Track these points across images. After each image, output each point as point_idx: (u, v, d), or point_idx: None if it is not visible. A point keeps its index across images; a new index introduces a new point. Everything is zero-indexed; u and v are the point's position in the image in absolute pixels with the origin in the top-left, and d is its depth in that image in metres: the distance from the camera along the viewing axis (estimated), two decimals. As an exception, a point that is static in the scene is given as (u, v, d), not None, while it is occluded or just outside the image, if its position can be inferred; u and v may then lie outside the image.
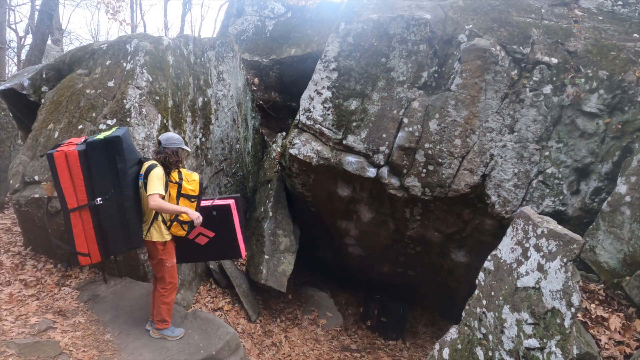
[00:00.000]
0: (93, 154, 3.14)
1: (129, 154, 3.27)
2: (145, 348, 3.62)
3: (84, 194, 3.14)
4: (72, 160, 3.09)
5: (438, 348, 3.63)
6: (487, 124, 4.67)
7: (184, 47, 5.55)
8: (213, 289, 5.70)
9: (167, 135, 3.48)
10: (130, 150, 3.33)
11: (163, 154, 3.37)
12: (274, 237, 5.83)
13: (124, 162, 3.19)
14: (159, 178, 3.23)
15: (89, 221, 3.18)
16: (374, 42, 5.04)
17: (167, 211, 3.25)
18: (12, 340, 3.37)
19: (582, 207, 4.45)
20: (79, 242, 3.20)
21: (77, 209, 3.15)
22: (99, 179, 3.15)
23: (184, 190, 3.39)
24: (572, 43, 4.63)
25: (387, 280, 6.55)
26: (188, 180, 3.42)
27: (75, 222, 3.17)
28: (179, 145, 3.42)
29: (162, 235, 3.43)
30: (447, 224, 5.18)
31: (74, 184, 3.13)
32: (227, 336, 3.89)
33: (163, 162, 3.35)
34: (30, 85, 5.31)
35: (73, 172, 3.12)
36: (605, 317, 3.19)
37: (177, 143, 3.42)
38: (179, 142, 3.43)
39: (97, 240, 3.24)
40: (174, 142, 3.41)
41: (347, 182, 5.28)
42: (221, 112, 6.35)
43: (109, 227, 3.21)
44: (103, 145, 3.15)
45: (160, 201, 3.18)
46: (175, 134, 3.53)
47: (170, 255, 3.55)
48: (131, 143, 3.40)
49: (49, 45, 11.33)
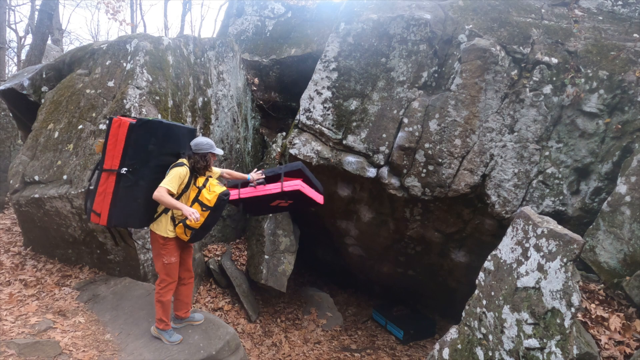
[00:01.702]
0: (138, 130, 3.43)
1: (167, 141, 3.53)
2: (145, 348, 3.62)
3: (118, 160, 3.43)
4: (122, 129, 3.42)
5: (438, 348, 3.63)
6: (487, 124, 4.67)
7: (184, 47, 5.55)
8: (213, 289, 5.70)
9: (197, 140, 3.56)
10: (172, 140, 3.57)
11: (192, 160, 3.49)
12: (274, 237, 5.83)
13: (155, 145, 3.48)
14: (177, 176, 3.38)
15: (112, 185, 3.43)
16: (374, 42, 5.04)
17: (165, 203, 3.32)
18: (12, 340, 3.37)
19: (582, 207, 4.45)
20: (98, 200, 3.46)
21: (107, 170, 3.43)
22: (133, 153, 3.43)
23: (201, 197, 3.45)
24: (572, 43, 4.63)
25: (387, 280, 6.55)
26: (209, 190, 3.46)
27: (102, 182, 3.46)
28: (208, 150, 3.51)
29: (165, 230, 3.46)
30: (447, 224, 5.18)
31: (115, 149, 3.45)
32: (227, 336, 3.89)
33: (192, 166, 3.49)
34: (30, 85, 5.31)
35: (118, 139, 3.44)
36: (605, 317, 3.19)
37: (206, 148, 3.51)
38: (207, 147, 3.52)
39: (109, 205, 3.47)
40: (202, 147, 3.50)
41: (347, 182, 5.28)
42: (221, 112, 6.35)
43: (121, 196, 3.44)
44: (146, 125, 3.45)
45: (162, 193, 3.28)
46: (205, 139, 3.56)
47: (169, 253, 3.54)
48: (178, 135, 3.61)
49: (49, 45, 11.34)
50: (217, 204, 3.39)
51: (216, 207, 3.40)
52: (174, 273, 3.61)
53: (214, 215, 3.44)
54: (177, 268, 3.63)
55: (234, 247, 6.60)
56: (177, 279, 3.66)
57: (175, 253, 3.58)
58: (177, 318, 3.87)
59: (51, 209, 4.47)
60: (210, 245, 6.35)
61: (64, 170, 4.50)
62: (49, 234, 4.75)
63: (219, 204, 3.39)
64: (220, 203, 3.40)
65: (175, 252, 3.58)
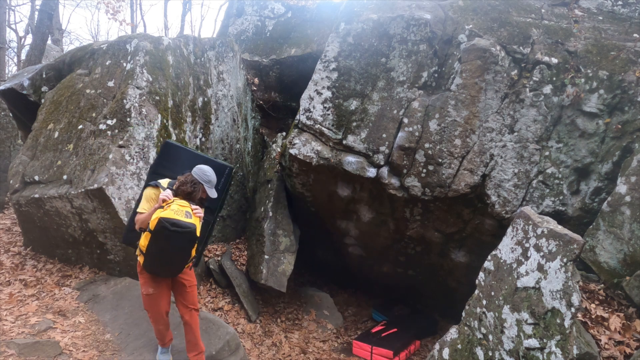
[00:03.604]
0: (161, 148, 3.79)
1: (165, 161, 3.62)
2: (145, 348, 3.62)
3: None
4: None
5: (438, 348, 3.63)
6: (487, 124, 4.67)
7: (184, 47, 5.55)
8: (213, 289, 5.70)
9: (202, 167, 3.27)
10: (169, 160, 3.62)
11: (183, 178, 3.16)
12: (274, 237, 5.83)
13: (152, 165, 3.71)
14: (145, 197, 3.21)
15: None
16: (374, 42, 5.04)
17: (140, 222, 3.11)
18: (12, 340, 3.37)
19: (582, 207, 4.45)
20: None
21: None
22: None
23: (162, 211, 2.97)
24: (572, 43, 4.63)
25: (387, 280, 6.55)
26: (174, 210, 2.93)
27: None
28: (201, 181, 3.19)
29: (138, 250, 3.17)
30: (447, 224, 5.18)
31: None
32: (227, 336, 3.89)
33: (177, 186, 3.13)
34: (30, 85, 5.32)
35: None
36: (605, 317, 3.19)
37: (202, 179, 3.20)
38: (205, 178, 3.21)
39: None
40: (200, 175, 3.21)
41: (347, 182, 5.28)
42: (221, 112, 6.36)
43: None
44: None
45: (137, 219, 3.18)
46: (210, 171, 3.27)
47: (144, 283, 3.20)
48: (176, 155, 3.64)
49: (49, 45, 11.34)
50: (156, 229, 2.85)
51: (155, 233, 2.87)
52: (152, 307, 3.23)
53: (155, 242, 2.91)
54: (158, 302, 3.23)
55: (234, 247, 6.60)
56: (160, 314, 3.27)
57: (151, 284, 3.18)
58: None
59: (51, 209, 4.47)
60: (210, 245, 6.35)
61: (64, 170, 4.50)
62: (49, 234, 4.75)
63: (158, 229, 2.85)
64: (160, 229, 2.84)
65: (151, 283, 3.17)
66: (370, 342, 5.40)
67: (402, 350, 5.36)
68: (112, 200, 4.22)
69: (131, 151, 4.48)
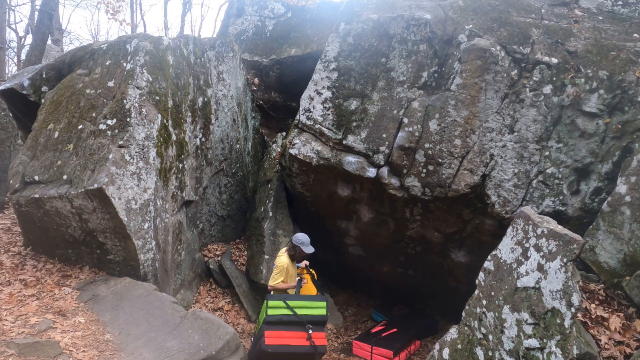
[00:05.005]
0: None
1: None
2: (145, 348, 3.62)
3: None
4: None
5: (438, 348, 3.63)
6: (487, 124, 4.67)
7: (184, 47, 5.55)
8: (213, 289, 5.71)
9: (297, 234, 4.59)
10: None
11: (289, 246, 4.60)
12: (274, 237, 5.83)
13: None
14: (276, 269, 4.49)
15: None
16: (374, 42, 5.04)
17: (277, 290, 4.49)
18: (12, 340, 3.36)
19: (582, 207, 4.45)
20: None
21: None
22: None
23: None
24: (572, 43, 4.63)
25: (387, 280, 6.55)
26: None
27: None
28: (296, 244, 4.50)
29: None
30: (447, 224, 5.18)
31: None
32: (227, 336, 3.88)
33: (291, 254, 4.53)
34: (30, 85, 5.31)
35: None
36: (605, 317, 3.19)
37: (296, 242, 4.51)
38: (298, 241, 4.50)
39: None
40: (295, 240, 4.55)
41: (347, 182, 5.28)
42: (221, 112, 6.36)
43: None
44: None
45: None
46: (303, 236, 4.56)
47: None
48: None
49: (49, 45, 11.33)
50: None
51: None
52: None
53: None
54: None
55: (234, 247, 6.60)
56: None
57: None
58: None
59: (51, 209, 4.47)
60: (210, 245, 6.35)
61: (64, 170, 4.50)
62: (49, 234, 4.75)
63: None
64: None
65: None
66: (370, 342, 5.40)
67: (402, 350, 5.36)
68: (112, 200, 4.22)
69: (131, 151, 4.48)
